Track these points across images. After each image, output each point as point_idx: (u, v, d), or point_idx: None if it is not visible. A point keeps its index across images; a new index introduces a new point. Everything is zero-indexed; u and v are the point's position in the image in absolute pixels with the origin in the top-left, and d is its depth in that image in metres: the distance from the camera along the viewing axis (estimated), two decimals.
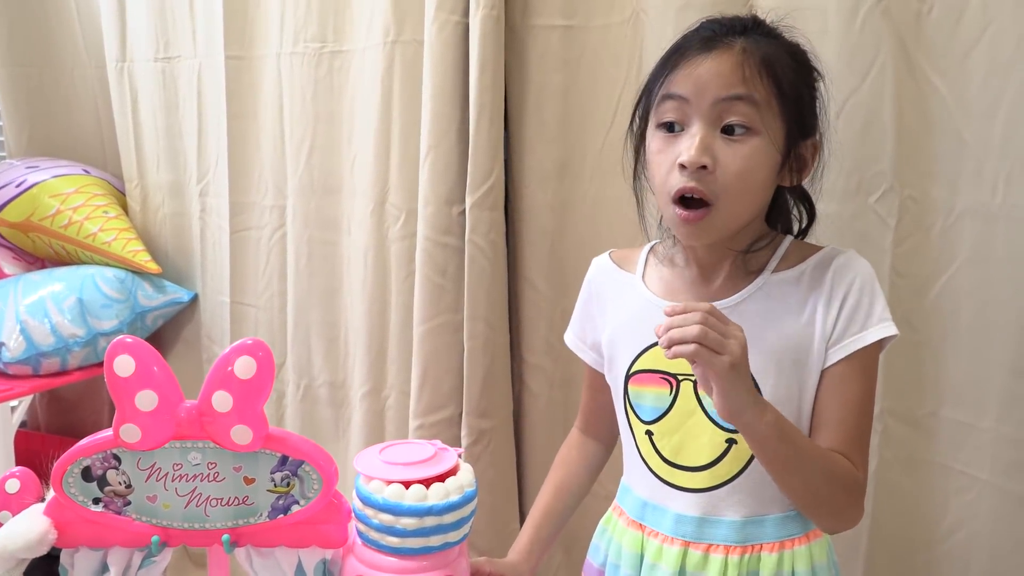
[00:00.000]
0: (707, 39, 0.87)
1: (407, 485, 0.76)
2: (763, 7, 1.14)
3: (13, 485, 0.80)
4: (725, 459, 0.89)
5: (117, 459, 0.75)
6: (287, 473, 0.76)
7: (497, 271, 1.43)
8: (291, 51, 1.62)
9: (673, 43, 0.91)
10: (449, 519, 0.76)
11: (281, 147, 1.68)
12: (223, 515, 0.77)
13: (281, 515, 0.77)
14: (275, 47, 1.65)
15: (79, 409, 2.22)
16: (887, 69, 1.12)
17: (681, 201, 0.86)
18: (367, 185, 1.56)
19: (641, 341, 0.94)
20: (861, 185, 1.15)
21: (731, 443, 0.89)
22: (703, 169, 0.84)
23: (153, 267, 1.88)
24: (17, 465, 0.87)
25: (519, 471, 1.52)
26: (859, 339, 0.86)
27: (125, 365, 0.71)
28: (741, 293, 0.90)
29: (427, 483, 0.77)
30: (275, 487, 0.77)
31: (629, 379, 0.95)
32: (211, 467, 0.76)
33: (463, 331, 1.43)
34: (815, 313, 0.88)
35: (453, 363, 1.46)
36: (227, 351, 0.73)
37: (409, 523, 0.75)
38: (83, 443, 0.75)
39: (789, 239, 0.94)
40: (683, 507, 0.90)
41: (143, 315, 1.89)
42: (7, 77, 2.04)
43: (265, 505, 0.77)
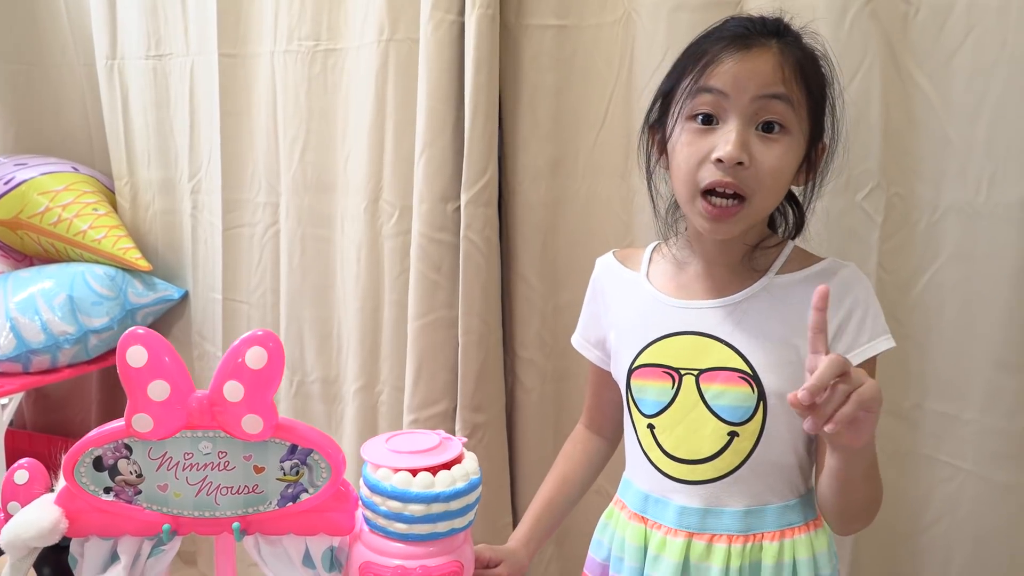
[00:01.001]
0: (742, 36, 0.87)
1: (414, 473, 0.78)
2: (754, 9, 1.16)
3: (22, 476, 0.80)
4: (727, 452, 0.90)
5: (128, 449, 0.76)
6: (296, 462, 0.77)
7: (491, 267, 1.44)
8: (285, 49, 1.63)
9: (698, 37, 0.91)
10: (455, 506, 0.78)
11: (275, 144, 1.69)
12: (233, 503, 0.79)
13: (290, 503, 0.79)
14: (269, 45, 1.65)
15: (66, 407, 2.21)
16: (874, 70, 1.14)
17: (708, 194, 0.87)
18: (360, 182, 1.57)
19: (645, 336, 0.95)
20: (849, 182, 1.18)
21: (733, 435, 0.90)
22: (739, 165, 0.84)
23: (143, 264, 1.88)
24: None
25: (511, 464, 1.54)
26: (860, 353, 0.88)
27: (138, 355, 0.72)
28: (745, 291, 0.92)
29: (433, 471, 0.78)
30: (284, 475, 0.78)
31: (632, 373, 0.96)
32: (221, 456, 0.77)
33: (457, 326, 1.45)
34: None
35: (447, 358, 1.47)
36: (237, 342, 0.74)
37: (417, 510, 0.77)
38: (94, 433, 0.76)
39: (792, 244, 0.96)
40: (686, 499, 0.92)
41: (133, 312, 1.88)
42: None
43: (274, 493, 0.78)
